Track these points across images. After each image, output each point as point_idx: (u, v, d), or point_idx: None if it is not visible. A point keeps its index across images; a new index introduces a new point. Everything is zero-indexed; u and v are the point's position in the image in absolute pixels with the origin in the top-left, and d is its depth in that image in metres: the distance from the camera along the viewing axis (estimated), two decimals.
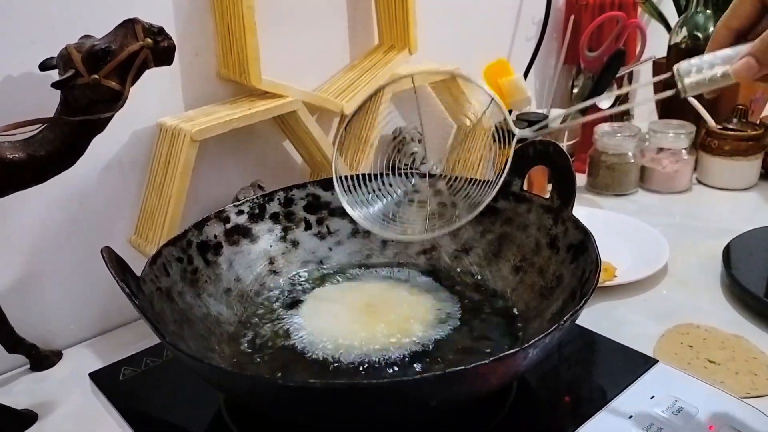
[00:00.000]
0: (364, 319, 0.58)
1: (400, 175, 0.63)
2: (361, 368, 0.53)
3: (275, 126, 0.80)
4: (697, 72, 0.46)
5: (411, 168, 0.65)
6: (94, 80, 0.53)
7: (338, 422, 0.48)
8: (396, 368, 0.53)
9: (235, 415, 0.54)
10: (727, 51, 0.45)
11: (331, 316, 0.59)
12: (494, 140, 0.60)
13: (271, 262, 0.65)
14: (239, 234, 0.64)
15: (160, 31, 0.56)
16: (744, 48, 0.44)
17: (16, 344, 0.63)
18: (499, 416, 0.53)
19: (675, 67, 0.47)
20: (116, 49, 0.54)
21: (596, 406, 0.53)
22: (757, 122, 1.02)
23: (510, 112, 1.02)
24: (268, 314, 0.61)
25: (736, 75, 0.44)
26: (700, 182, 1.04)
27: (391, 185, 0.63)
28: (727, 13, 0.46)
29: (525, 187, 0.65)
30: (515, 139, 0.56)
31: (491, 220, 0.64)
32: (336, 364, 0.54)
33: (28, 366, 0.66)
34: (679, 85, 0.47)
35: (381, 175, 0.63)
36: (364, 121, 0.83)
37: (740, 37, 0.46)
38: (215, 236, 0.62)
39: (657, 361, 0.58)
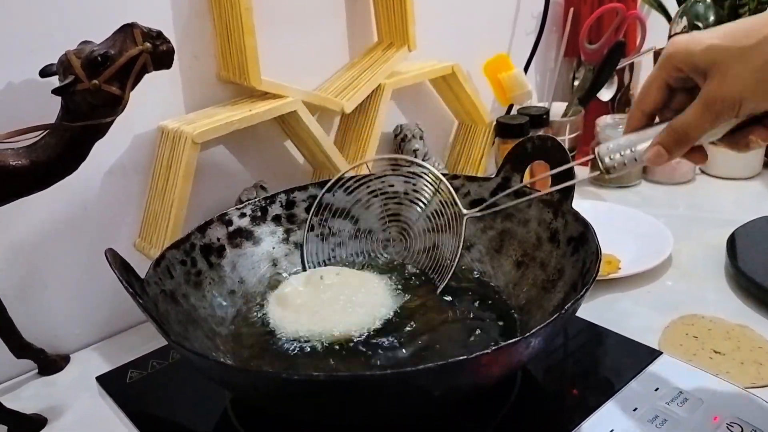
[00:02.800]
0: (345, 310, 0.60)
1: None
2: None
3: (276, 126, 0.80)
4: (615, 154, 0.49)
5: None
6: (94, 86, 0.53)
7: (344, 415, 0.48)
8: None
9: (241, 416, 0.55)
10: (643, 133, 0.49)
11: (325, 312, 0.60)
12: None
13: (274, 263, 0.66)
14: (242, 236, 0.64)
15: (159, 35, 0.56)
16: (655, 133, 0.48)
17: (23, 349, 0.63)
18: (505, 409, 0.53)
19: (595, 149, 0.50)
20: (115, 54, 0.54)
21: (601, 398, 0.53)
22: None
23: (511, 106, 1.02)
24: (272, 314, 0.61)
25: (649, 162, 0.48)
26: (703, 172, 1.03)
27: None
28: (639, 97, 0.50)
29: (527, 183, 0.65)
30: (465, 219, 0.61)
31: (492, 216, 0.64)
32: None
33: (37, 371, 0.66)
34: (600, 166, 0.50)
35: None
36: (364, 120, 0.83)
37: (652, 117, 0.50)
38: (218, 239, 0.63)
39: (661, 353, 0.58)
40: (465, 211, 0.60)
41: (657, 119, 0.50)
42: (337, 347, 0.56)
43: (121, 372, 0.63)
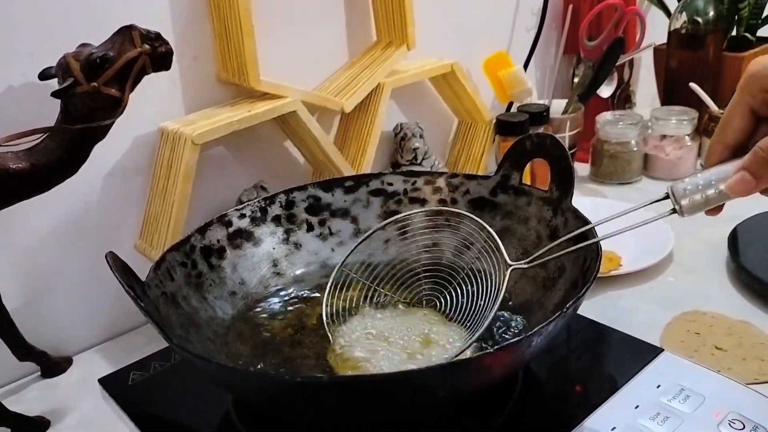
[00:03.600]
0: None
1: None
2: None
3: (276, 127, 0.80)
4: (693, 192, 0.44)
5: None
6: (93, 88, 0.53)
7: (347, 415, 0.48)
8: None
9: (244, 417, 0.55)
10: (722, 167, 0.43)
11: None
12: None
13: (275, 264, 0.66)
14: (242, 237, 0.64)
15: (158, 36, 0.56)
16: (738, 162, 0.42)
17: (26, 352, 0.64)
18: (508, 408, 0.53)
19: (669, 187, 0.45)
20: (114, 56, 0.54)
21: (603, 396, 0.53)
22: None
23: (511, 104, 1.02)
24: (274, 315, 0.61)
25: (732, 191, 0.43)
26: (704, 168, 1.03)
27: None
28: (719, 128, 0.44)
29: (528, 182, 0.65)
30: (509, 270, 0.52)
31: (492, 214, 0.64)
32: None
33: (39, 373, 0.67)
34: (677, 208, 0.45)
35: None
36: (364, 119, 0.83)
37: (736, 152, 0.44)
38: (218, 240, 0.63)
39: (663, 350, 0.58)
40: (511, 262, 0.52)
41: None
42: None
43: (124, 374, 0.63)
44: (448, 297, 0.59)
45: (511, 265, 0.52)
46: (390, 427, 0.52)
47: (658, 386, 0.53)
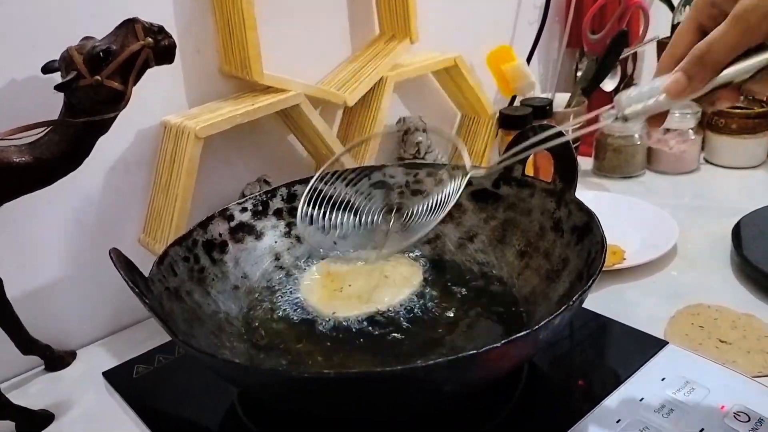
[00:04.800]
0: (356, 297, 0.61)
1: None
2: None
3: (279, 120, 0.80)
4: (636, 100, 0.46)
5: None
6: (97, 81, 0.53)
7: (352, 410, 0.48)
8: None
9: (248, 409, 0.55)
10: (665, 76, 0.44)
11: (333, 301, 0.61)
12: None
13: (277, 257, 0.66)
14: (244, 231, 0.64)
15: (161, 29, 0.56)
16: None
17: (30, 346, 0.64)
18: (512, 401, 0.53)
19: (615, 98, 0.47)
20: (117, 50, 0.54)
21: (607, 389, 0.53)
22: (764, 99, 1.01)
23: (514, 98, 1.02)
24: (277, 308, 0.61)
25: (666, 91, 0.44)
26: (707, 162, 1.03)
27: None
28: (670, 44, 0.46)
29: (531, 174, 0.64)
30: (467, 177, 0.56)
31: (494, 206, 0.64)
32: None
33: (43, 367, 0.67)
34: (619, 115, 0.47)
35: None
36: (367, 113, 0.83)
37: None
38: (220, 234, 0.63)
39: (667, 342, 0.58)
40: (469, 169, 0.57)
41: None
42: (340, 335, 0.56)
43: (128, 367, 0.63)
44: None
45: (468, 173, 0.57)
46: (396, 421, 0.52)
47: (663, 379, 0.53)
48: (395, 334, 0.56)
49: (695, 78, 0.42)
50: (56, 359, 0.67)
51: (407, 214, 0.62)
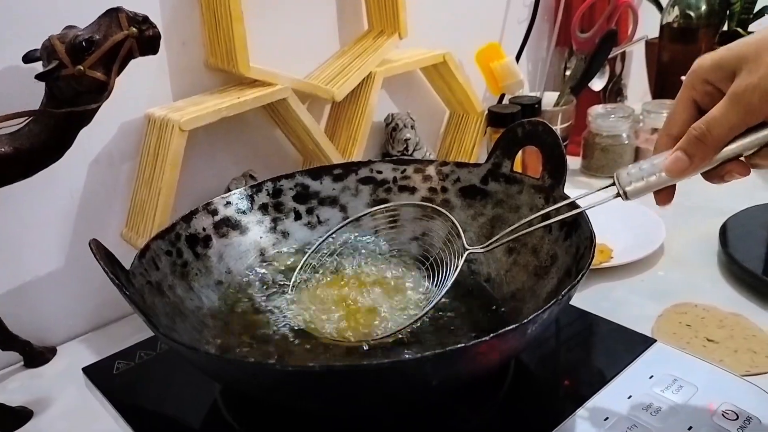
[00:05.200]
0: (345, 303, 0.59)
1: None
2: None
3: (266, 115, 0.79)
4: (636, 178, 0.46)
5: None
6: (79, 71, 0.52)
7: (338, 406, 0.48)
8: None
9: (231, 406, 0.54)
10: (664, 154, 0.45)
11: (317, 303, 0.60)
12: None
13: (262, 253, 0.65)
14: (228, 226, 0.63)
15: (145, 19, 0.55)
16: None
17: (9, 341, 0.63)
18: (499, 398, 0.52)
19: (615, 174, 0.47)
20: (100, 39, 0.53)
21: (595, 386, 0.52)
22: None
23: (503, 96, 1.01)
24: (261, 304, 0.60)
25: (668, 171, 0.44)
26: None
27: None
28: (666, 121, 0.46)
29: (519, 171, 0.64)
30: (465, 255, 0.55)
31: (483, 202, 0.64)
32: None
33: (22, 363, 0.66)
34: (620, 192, 0.47)
35: None
36: (355, 108, 0.82)
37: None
38: (204, 229, 0.61)
39: (655, 340, 0.58)
40: (468, 247, 0.55)
41: None
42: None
43: (108, 363, 0.62)
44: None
45: (467, 249, 0.55)
46: (381, 418, 0.51)
47: (651, 377, 0.53)
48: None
49: (696, 157, 0.43)
50: (36, 355, 0.65)
51: None
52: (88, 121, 0.56)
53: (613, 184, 0.47)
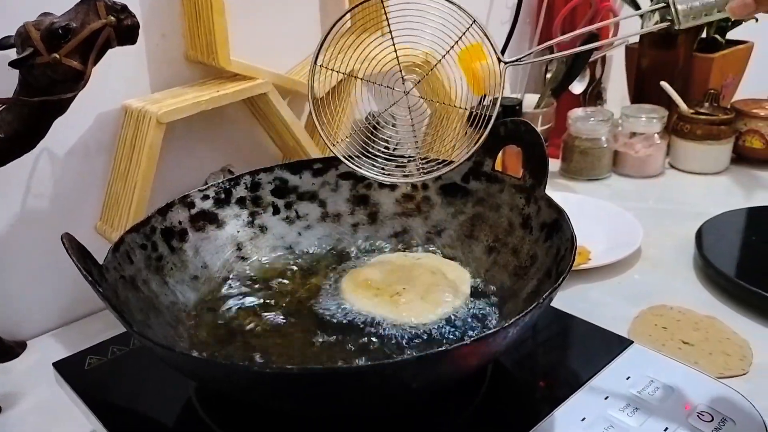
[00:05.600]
0: None
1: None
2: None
3: (246, 109, 0.78)
4: (691, 2, 0.45)
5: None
6: (54, 59, 0.51)
7: (316, 406, 0.47)
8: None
9: (206, 403, 0.53)
10: None
11: None
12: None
13: (239, 248, 0.64)
14: (205, 220, 0.62)
15: (124, 8, 0.54)
16: None
17: None
18: (477, 399, 0.52)
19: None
20: (77, 27, 0.52)
21: (572, 387, 0.52)
22: (728, 106, 1.03)
23: (483, 96, 1.01)
24: (238, 300, 0.60)
25: (732, 12, 0.44)
26: (672, 166, 1.04)
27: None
28: None
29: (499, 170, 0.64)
30: (505, 68, 0.56)
31: (463, 201, 0.63)
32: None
33: None
34: (674, 12, 0.46)
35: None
36: (337, 104, 0.81)
37: None
38: (180, 222, 0.60)
39: (632, 342, 0.58)
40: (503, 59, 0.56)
41: None
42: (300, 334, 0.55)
43: (80, 358, 0.60)
44: None
45: (503, 61, 0.56)
46: (358, 419, 0.51)
47: (628, 378, 0.53)
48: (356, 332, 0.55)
49: (763, 3, 0.42)
50: (5, 350, 0.64)
51: None
52: (63, 110, 0.55)
53: (667, 6, 0.46)
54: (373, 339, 0.53)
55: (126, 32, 0.55)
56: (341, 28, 0.58)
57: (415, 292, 0.57)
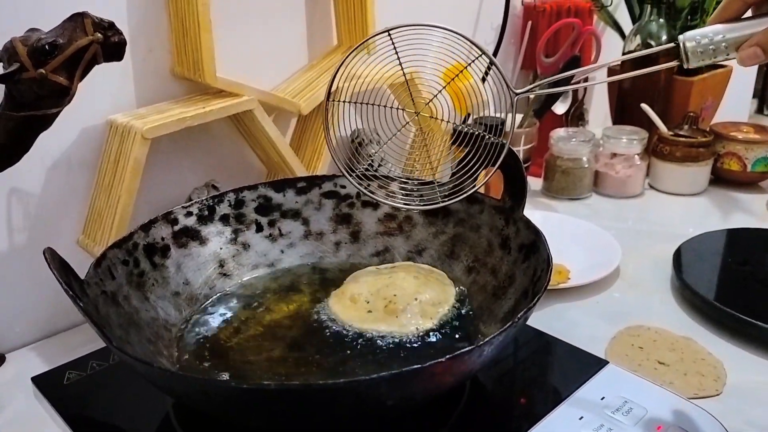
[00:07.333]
0: None
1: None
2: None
3: (231, 126, 0.79)
4: (702, 45, 0.46)
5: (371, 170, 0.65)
6: (41, 75, 0.51)
7: (293, 424, 0.47)
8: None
9: (183, 420, 0.53)
10: (732, 25, 0.46)
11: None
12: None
13: (222, 264, 0.64)
14: (188, 236, 0.63)
15: (111, 25, 0.54)
16: (749, 27, 0.45)
17: None
18: (454, 417, 0.53)
19: (680, 37, 0.48)
20: (64, 44, 0.52)
21: (548, 406, 0.53)
22: (707, 129, 1.05)
23: (468, 116, 1.02)
24: (218, 317, 0.60)
25: (742, 62, 0.45)
26: (652, 187, 1.06)
27: None
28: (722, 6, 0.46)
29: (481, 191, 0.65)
30: (516, 99, 0.59)
31: (444, 221, 0.64)
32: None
33: None
34: (682, 54, 0.48)
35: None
36: (321, 122, 0.82)
37: (748, 7, 0.46)
38: (162, 238, 0.61)
39: (608, 362, 0.59)
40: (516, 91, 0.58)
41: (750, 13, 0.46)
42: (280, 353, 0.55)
43: (59, 373, 0.60)
44: None
45: (515, 91, 0.58)
46: None
47: (603, 398, 0.53)
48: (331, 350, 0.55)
49: None
50: None
51: None
52: (48, 125, 0.55)
53: (677, 45, 0.48)
54: (360, 352, 0.54)
55: (113, 49, 0.55)
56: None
57: (408, 296, 0.57)
